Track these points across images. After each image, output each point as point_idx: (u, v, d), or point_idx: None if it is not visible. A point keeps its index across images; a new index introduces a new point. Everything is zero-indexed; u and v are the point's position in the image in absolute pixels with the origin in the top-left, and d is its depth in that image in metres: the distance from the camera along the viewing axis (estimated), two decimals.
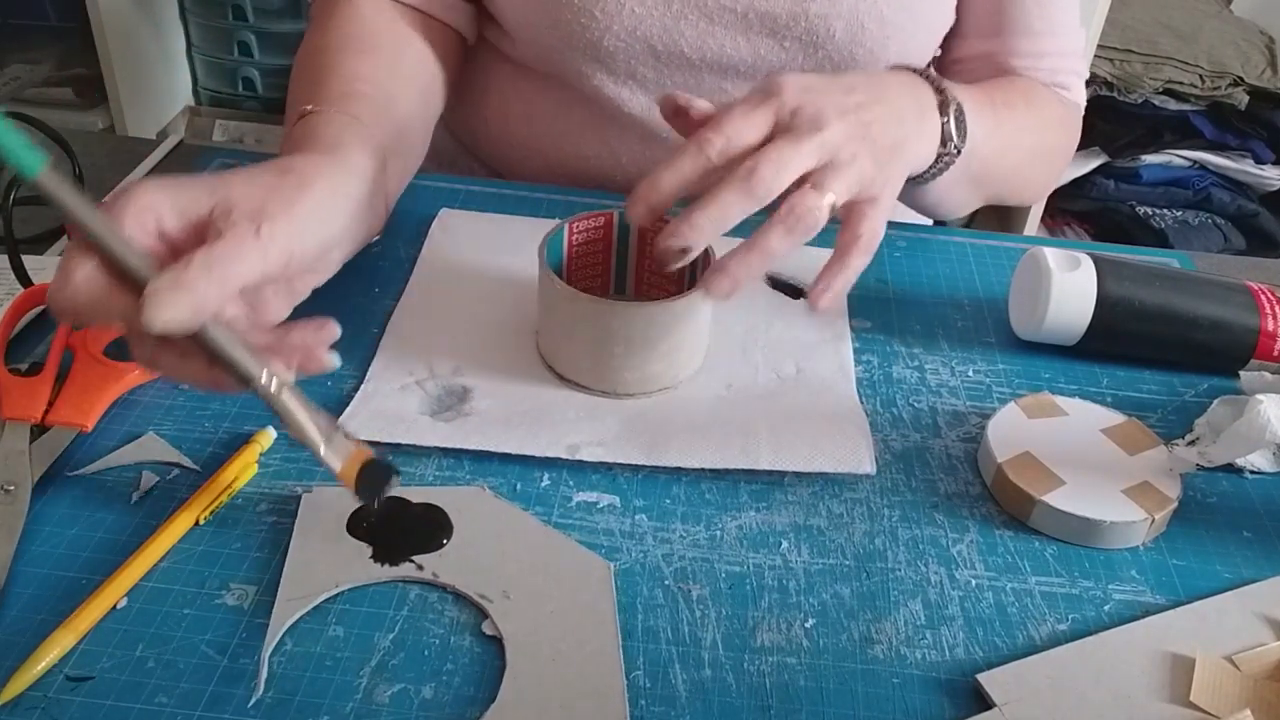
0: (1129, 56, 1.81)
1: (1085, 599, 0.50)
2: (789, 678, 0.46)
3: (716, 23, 0.74)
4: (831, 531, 0.53)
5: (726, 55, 0.75)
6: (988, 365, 0.65)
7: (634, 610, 0.48)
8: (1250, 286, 0.64)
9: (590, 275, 0.65)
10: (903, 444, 0.58)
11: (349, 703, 0.44)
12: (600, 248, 0.64)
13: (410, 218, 0.74)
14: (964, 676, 0.46)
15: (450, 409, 0.58)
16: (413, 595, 0.48)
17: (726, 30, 0.75)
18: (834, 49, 0.75)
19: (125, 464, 0.54)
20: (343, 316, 0.64)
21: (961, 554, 0.52)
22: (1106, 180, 1.84)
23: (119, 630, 0.46)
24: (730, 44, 0.75)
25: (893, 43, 0.75)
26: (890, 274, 0.72)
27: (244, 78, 1.92)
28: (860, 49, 0.75)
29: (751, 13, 0.74)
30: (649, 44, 0.74)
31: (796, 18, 0.74)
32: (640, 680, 0.45)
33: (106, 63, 1.74)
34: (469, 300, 0.66)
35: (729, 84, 0.77)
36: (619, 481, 0.55)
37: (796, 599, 0.49)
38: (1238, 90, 1.79)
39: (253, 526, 0.51)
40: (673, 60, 0.75)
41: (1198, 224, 1.83)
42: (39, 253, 0.68)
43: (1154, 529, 0.53)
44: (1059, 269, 0.63)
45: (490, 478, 0.54)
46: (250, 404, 0.57)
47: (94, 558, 0.49)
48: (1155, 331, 0.63)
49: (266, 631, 0.46)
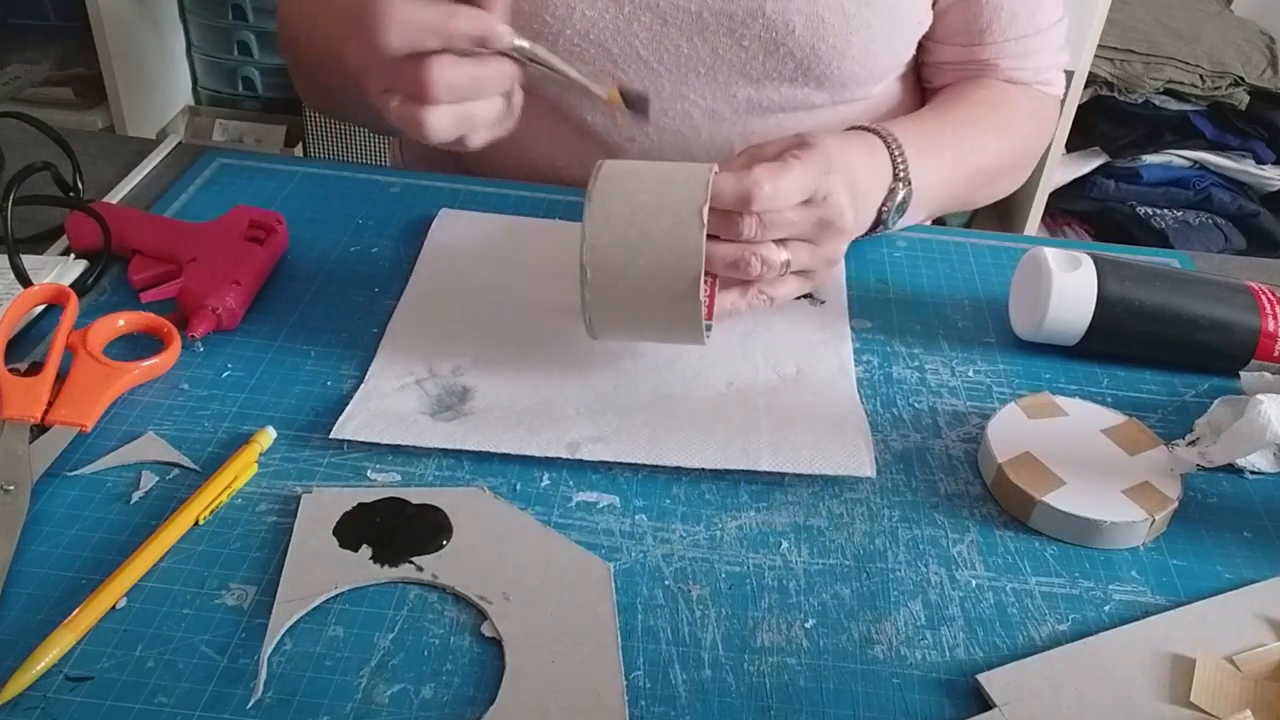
0: (1129, 56, 1.81)
1: (1085, 599, 0.50)
2: (789, 678, 0.46)
3: (671, 24, 0.73)
4: (832, 532, 0.53)
5: (684, 56, 0.75)
6: (988, 365, 0.65)
7: (634, 611, 0.48)
8: (1251, 287, 0.64)
9: None
10: (903, 444, 0.58)
11: (348, 703, 0.44)
12: None
13: (410, 218, 0.74)
14: (964, 677, 0.46)
15: (450, 409, 0.58)
16: (412, 596, 0.48)
17: (682, 31, 0.74)
18: (795, 45, 0.74)
19: (125, 464, 0.54)
20: (342, 316, 0.65)
21: (962, 554, 0.52)
22: (1107, 180, 1.84)
23: (118, 630, 0.46)
24: (687, 45, 0.74)
25: (857, 39, 0.74)
26: (890, 274, 0.72)
27: (244, 77, 1.91)
28: (823, 44, 0.74)
29: (706, 11, 0.73)
30: (604, 48, 0.73)
31: (753, 14, 0.73)
32: (640, 681, 0.45)
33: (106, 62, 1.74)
34: (469, 300, 0.66)
35: (688, 89, 0.76)
36: (619, 481, 0.55)
37: (796, 599, 0.49)
38: (1238, 90, 1.79)
39: (252, 526, 0.51)
40: (630, 64, 0.75)
41: (1198, 224, 1.83)
42: (39, 252, 0.68)
43: (1154, 529, 0.53)
44: (1059, 269, 0.63)
45: (490, 478, 0.54)
46: (250, 404, 0.58)
47: (93, 558, 0.49)
48: (1156, 332, 0.63)
49: (266, 631, 0.46)
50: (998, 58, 0.81)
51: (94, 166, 0.76)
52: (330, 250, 0.70)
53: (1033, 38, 0.80)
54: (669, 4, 0.72)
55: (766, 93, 0.77)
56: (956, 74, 0.83)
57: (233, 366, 0.60)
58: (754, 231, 0.59)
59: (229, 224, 0.67)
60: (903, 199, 0.70)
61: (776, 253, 0.61)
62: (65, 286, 0.61)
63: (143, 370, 0.58)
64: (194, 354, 0.61)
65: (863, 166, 0.67)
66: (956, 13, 0.79)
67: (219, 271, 0.63)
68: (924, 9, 0.78)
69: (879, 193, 0.69)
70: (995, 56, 0.81)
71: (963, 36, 0.81)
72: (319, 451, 0.55)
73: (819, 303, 0.68)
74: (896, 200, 0.69)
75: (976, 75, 0.82)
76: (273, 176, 0.78)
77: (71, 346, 0.58)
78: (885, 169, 0.69)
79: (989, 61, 0.81)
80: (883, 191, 0.69)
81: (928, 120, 0.76)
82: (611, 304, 0.56)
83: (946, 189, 0.74)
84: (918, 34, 0.80)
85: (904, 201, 0.70)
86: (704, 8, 0.72)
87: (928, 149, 0.71)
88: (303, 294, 0.66)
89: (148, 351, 0.59)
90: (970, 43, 0.81)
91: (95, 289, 0.65)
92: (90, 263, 0.67)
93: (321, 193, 0.76)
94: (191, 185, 0.76)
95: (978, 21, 0.79)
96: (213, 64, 1.93)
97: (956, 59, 0.82)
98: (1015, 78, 0.82)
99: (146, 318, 0.61)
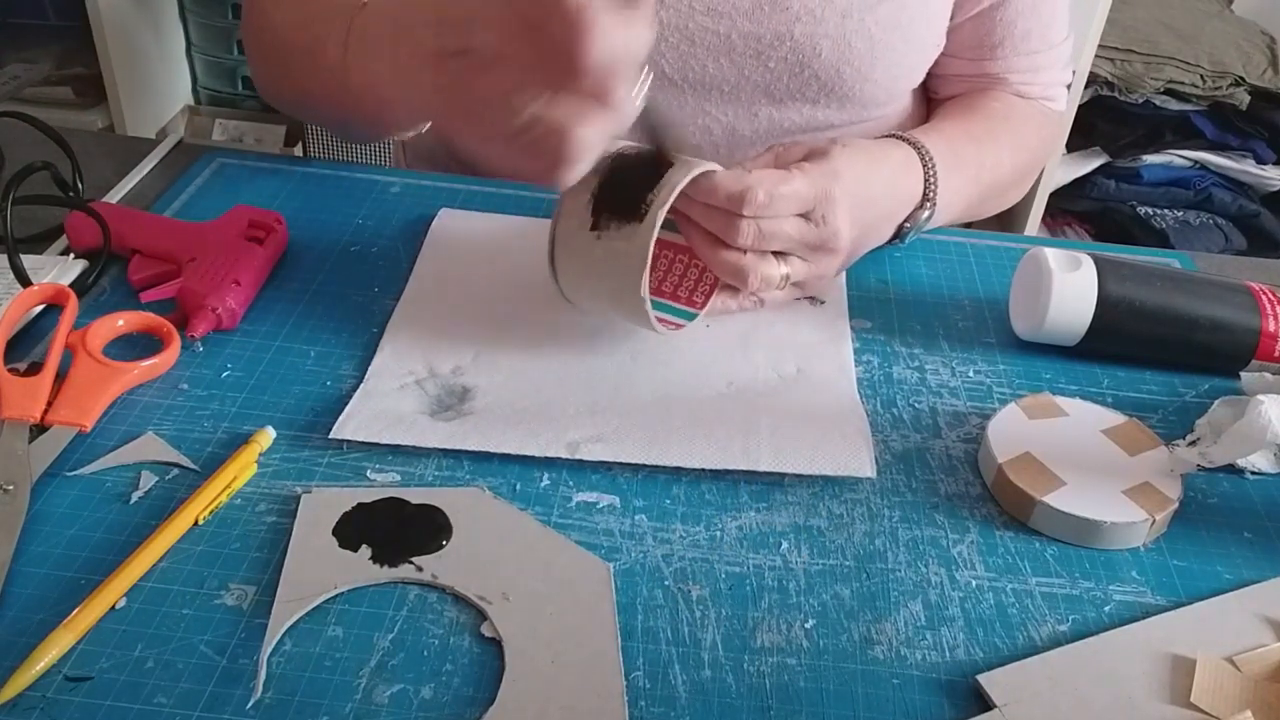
0: (1130, 56, 1.81)
1: (1086, 600, 0.50)
2: (789, 679, 0.46)
3: (699, 44, 0.74)
4: (832, 532, 0.53)
5: (709, 75, 0.75)
6: (988, 365, 0.65)
7: (633, 611, 0.48)
8: (1251, 287, 0.64)
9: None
10: (903, 444, 0.58)
11: (348, 703, 0.44)
12: None
13: (410, 218, 0.74)
14: (964, 677, 0.46)
15: (450, 409, 0.58)
16: (412, 596, 0.48)
17: (709, 51, 0.74)
18: (820, 68, 0.75)
19: (124, 464, 0.54)
20: (342, 316, 0.65)
21: (962, 555, 0.52)
22: (1107, 180, 1.84)
23: (118, 630, 0.46)
24: (713, 65, 0.75)
25: (881, 62, 0.75)
26: (890, 274, 0.72)
27: (243, 77, 1.91)
28: (848, 68, 0.75)
29: (734, 34, 0.73)
30: None
31: (781, 38, 0.73)
32: (640, 681, 0.45)
33: (106, 62, 1.74)
34: (468, 300, 0.66)
35: (711, 105, 0.77)
36: (619, 482, 0.55)
37: (796, 600, 0.49)
38: (1239, 90, 1.79)
39: (252, 526, 0.51)
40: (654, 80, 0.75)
41: (1199, 224, 1.82)
42: (38, 252, 0.68)
43: (1155, 530, 0.53)
44: (1060, 269, 0.63)
45: (490, 478, 0.54)
46: (249, 404, 0.57)
47: (93, 558, 0.49)
48: (1156, 332, 0.63)
49: (265, 632, 0.45)
50: (1008, 72, 0.82)
51: (93, 166, 0.76)
52: (330, 250, 0.70)
53: (1043, 54, 0.81)
54: (698, 25, 0.73)
55: (787, 113, 0.78)
56: (964, 86, 0.84)
57: (232, 366, 0.60)
58: (751, 239, 0.59)
59: (229, 224, 0.67)
60: (926, 218, 0.70)
61: (776, 268, 0.61)
62: (65, 286, 0.61)
63: (142, 370, 0.58)
64: (193, 354, 0.61)
65: (883, 186, 0.66)
66: (969, 29, 0.80)
67: (219, 271, 0.63)
68: (941, 30, 0.79)
69: (901, 212, 0.69)
70: (1005, 71, 0.82)
71: (974, 51, 0.81)
72: (318, 451, 0.55)
73: (819, 303, 0.68)
74: (919, 221, 0.70)
75: (984, 88, 0.82)
76: (272, 176, 0.78)
77: (71, 346, 0.58)
78: (914, 188, 0.69)
79: (999, 76, 0.82)
80: (906, 210, 0.69)
81: (954, 136, 0.75)
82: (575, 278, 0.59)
83: (962, 204, 0.75)
84: (935, 54, 0.81)
85: (926, 220, 0.70)
86: (733, 30, 0.73)
87: (954, 166, 0.71)
88: (302, 294, 0.66)
89: (147, 351, 0.59)
90: (982, 57, 0.82)
91: (95, 289, 0.65)
92: (90, 262, 0.67)
93: (321, 193, 0.76)
94: (191, 185, 0.76)
95: (990, 37, 0.80)
96: (212, 63, 1.93)
97: (967, 72, 0.83)
98: (1023, 92, 0.83)
99: (146, 317, 0.61)
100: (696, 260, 0.64)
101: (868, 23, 0.74)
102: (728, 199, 0.58)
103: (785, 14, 0.73)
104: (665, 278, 0.65)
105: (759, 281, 0.61)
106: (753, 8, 0.73)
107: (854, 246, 0.66)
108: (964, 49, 0.82)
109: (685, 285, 0.64)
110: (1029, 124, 0.82)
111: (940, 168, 0.69)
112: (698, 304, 0.64)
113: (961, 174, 0.72)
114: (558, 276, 0.60)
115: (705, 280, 0.64)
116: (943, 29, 0.79)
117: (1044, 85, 0.84)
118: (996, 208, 0.83)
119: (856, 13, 0.74)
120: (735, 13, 0.74)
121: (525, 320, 0.64)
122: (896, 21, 0.75)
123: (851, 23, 0.73)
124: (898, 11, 0.75)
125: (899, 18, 0.75)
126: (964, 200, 0.74)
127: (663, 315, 0.62)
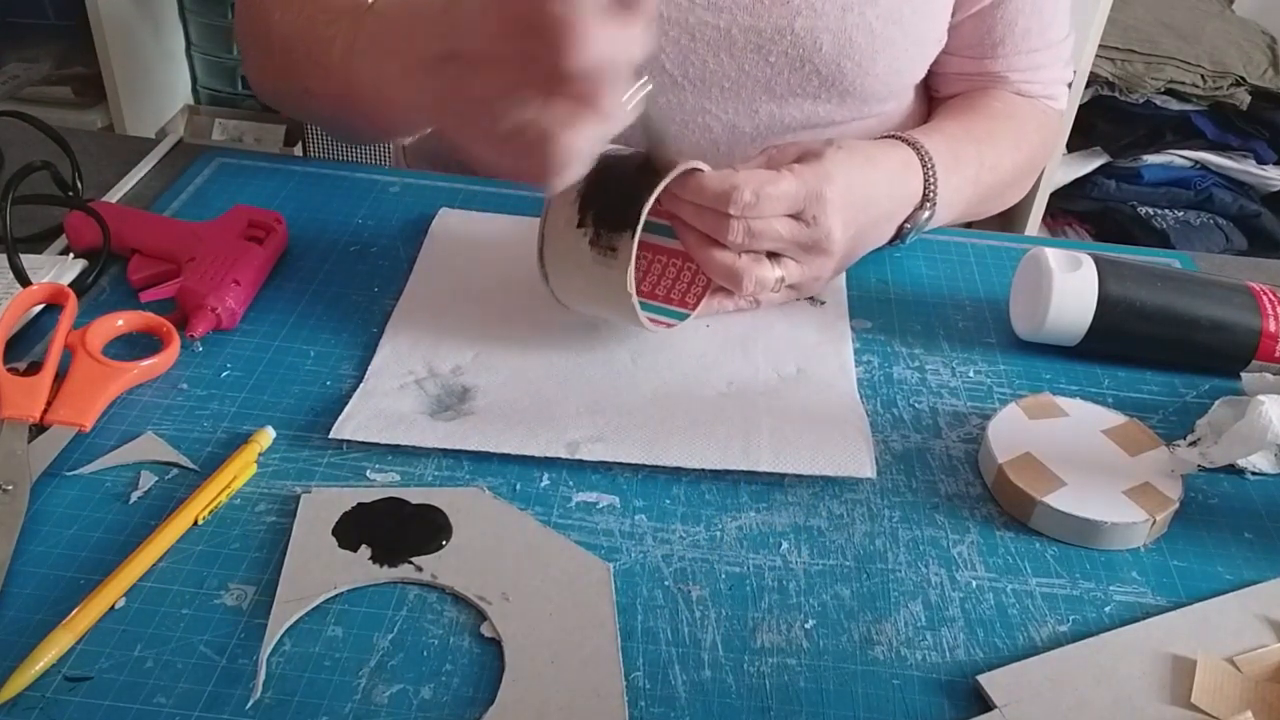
0: (1130, 56, 1.81)
1: (1086, 600, 0.50)
2: (789, 679, 0.46)
3: (699, 39, 0.74)
4: (832, 532, 0.53)
5: (710, 71, 0.75)
6: (988, 366, 0.64)
7: (633, 611, 0.48)
8: (1252, 287, 0.64)
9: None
10: (903, 445, 0.58)
11: (347, 703, 0.44)
12: None
13: (410, 217, 0.74)
14: (964, 678, 0.46)
15: (450, 409, 0.58)
16: (411, 596, 0.48)
17: (709, 47, 0.74)
18: (821, 62, 0.75)
19: (123, 464, 0.54)
20: (342, 316, 0.65)
21: (962, 555, 0.52)
22: (1108, 180, 1.84)
23: (117, 630, 0.46)
24: (713, 60, 0.74)
25: (881, 57, 0.75)
26: (890, 274, 0.72)
27: (243, 76, 1.91)
28: (848, 62, 0.75)
29: (735, 28, 0.73)
30: None
31: (782, 32, 0.73)
32: (640, 681, 0.45)
33: (105, 61, 1.74)
34: (468, 299, 0.66)
35: (711, 102, 0.77)
36: (619, 482, 0.55)
37: (796, 600, 0.49)
38: (1239, 90, 1.79)
39: (251, 526, 0.51)
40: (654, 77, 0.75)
41: (1199, 224, 1.82)
42: (38, 252, 0.68)
43: (1155, 530, 0.53)
44: (1060, 269, 0.63)
45: (489, 478, 0.54)
46: (249, 403, 0.57)
47: (92, 557, 0.49)
48: (1156, 332, 0.63)
49: (265, 632, 0.45)
50: (1008, 70, 0.82)
51: (93, 166, 0.76)
52: (330, 250, 0.70)
53: (1043, 52, 0.81)
54: (698, 20, 0.73)
55: (788, 109, 0.78)
56: (965, 84, 0.84)
57: (232, 366, 0.60)
58: (740, 237, 0.59)
59: (228, 223, 0.67)
60: (926, 218, 0.70)
61: (770, 271, 0.61)
62: (64, 286, 0.61)
63: (142, 370, 0.58)
64: (193, 354, 0.61)
65: (882, 187, 0.66)
66: (970, 26, 0.80)
67: (218, 271, 0.63)
68: (943, 27, 0.79)
69: (900, 213, 0.69)
70: (1006, 69, 0.82)
71: (975, 49, 0.81)
72: (318, 451, 0.55)
73: (819, 303, 0.68)
74: (919, 221, 0.69)
75: (985, 87, 0.82)
76: (272, 176, 0.77)
77: (70, 346, 0.58)
78: (914, 189, 0.69)
79: (999, 74, 0.82)
80: (905, 211, 0.69)
81: (955, 135, 0.75)
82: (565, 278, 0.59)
83: (963, 204, 0.74)
84: (936, 51, 0.81)
85: (926, 220, 0.70)
86: (733, 24, 0.73)
87: (954, 166, 0.71)
88: (302, 294, 0.66)
89: (147, 351, 0.59)
90: (982, 55, 0.81)
91: (94, 288, 0.65)
92: (89, 262, 0.67)
93: (321, 192, 0.76)
94: (191, 185, 0.76)
95: (991, 35, 0.80)
96: (212, 63, 1.93)
97: (968, 71, 0.83)
98: (1023, 90, 0.83)
99: (145, 317, 0.61)
100: (689, 264, 0.64)
101: (869, 17, 0.73)
102: (715, 198, 0.58)
103: (786, 8, 0.73)
104: (659, 282, 0.65)
105: (753, 284, 0.61)
106: (753, 2, 0.73)
107: (852, 247, 0.65)
108: (965, 47, 0.82)
109: (677, 289, 0.64)
110: (1030, 124, 0.82)
111: (940, 168, 0.69)
112: (690, 305, 0.64)
113: (962, 174, 0.72)
114: (548, 277, 0.60)
115: (697, 283, 0.64)
116: (944, 25, 0.79)
117: (1045, 84, 0.84)
118: (997, 207, 0.83)
119: (857, 7, 0.73)
120: (735, 7, 0.73)
121: (525, 320, 0.64)
122: (897, 16, 0.75)
123: (852, 16, 0.73)
124: (899, 6, 0.75)
125: (900, 12, 0.75)
126: (964, 200, 0.74)
127: (654, 316, 0.62)
